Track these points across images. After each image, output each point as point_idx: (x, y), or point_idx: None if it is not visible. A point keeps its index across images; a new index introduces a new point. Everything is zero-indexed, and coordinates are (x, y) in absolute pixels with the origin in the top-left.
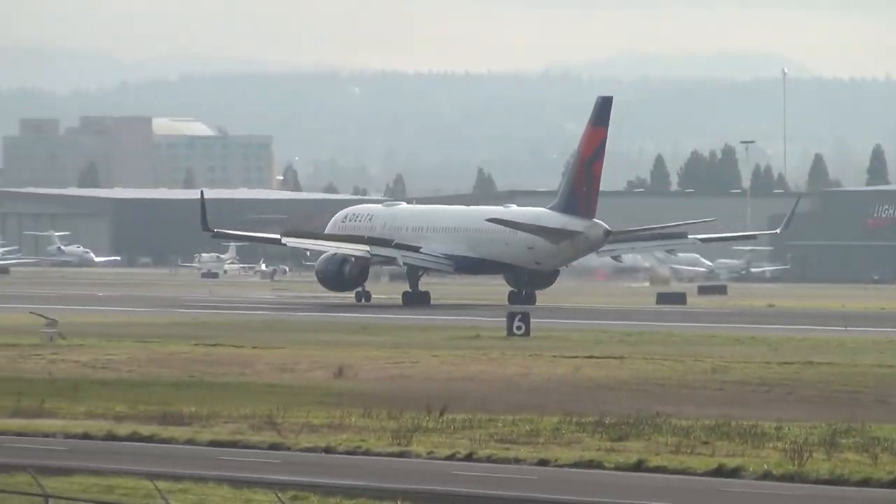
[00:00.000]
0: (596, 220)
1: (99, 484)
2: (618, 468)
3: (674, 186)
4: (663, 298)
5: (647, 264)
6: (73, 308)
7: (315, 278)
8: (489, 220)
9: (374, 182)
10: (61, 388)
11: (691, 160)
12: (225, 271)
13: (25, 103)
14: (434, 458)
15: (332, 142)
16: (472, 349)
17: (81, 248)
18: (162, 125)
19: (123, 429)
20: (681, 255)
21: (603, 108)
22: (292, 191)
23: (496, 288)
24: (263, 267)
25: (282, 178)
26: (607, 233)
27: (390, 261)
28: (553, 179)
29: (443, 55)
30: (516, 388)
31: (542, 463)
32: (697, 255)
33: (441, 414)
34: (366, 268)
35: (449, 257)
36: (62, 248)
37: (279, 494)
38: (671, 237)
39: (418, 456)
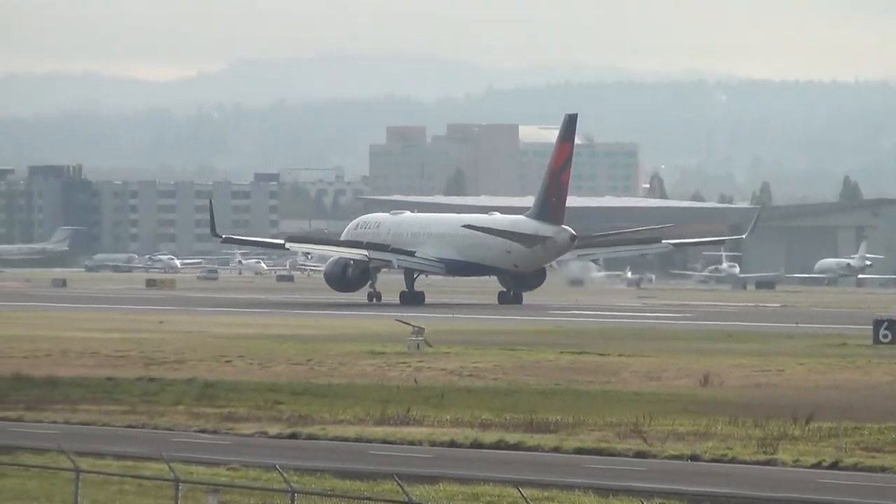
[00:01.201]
0: (563, 226)
1: (464, 492)
2: None
3: None
4: None
5: None
6: (436, 316)
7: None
8: (464, 226)
9: (741, 190)
10: (427, 395)
11: None
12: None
13: (392, 111)
14: (800, 466)
15: (698, 149)
16: (838, 357)
17: None
18: (528, 132)
19: (489, 436)
20: None
21: (569, 124)
22: (658, 199)
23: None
24: (629, 275)
25: (648, 185)
26: (573, 237)
27: (387, 264)
28: None
29: (809, 64)
30: (883, 395)
31: None
32: None
33: (807, 422)
34: (366, 270)
35: (441, 260)
36: None
37: (644, 502)
38: (646, 242)
39: (784, 464)
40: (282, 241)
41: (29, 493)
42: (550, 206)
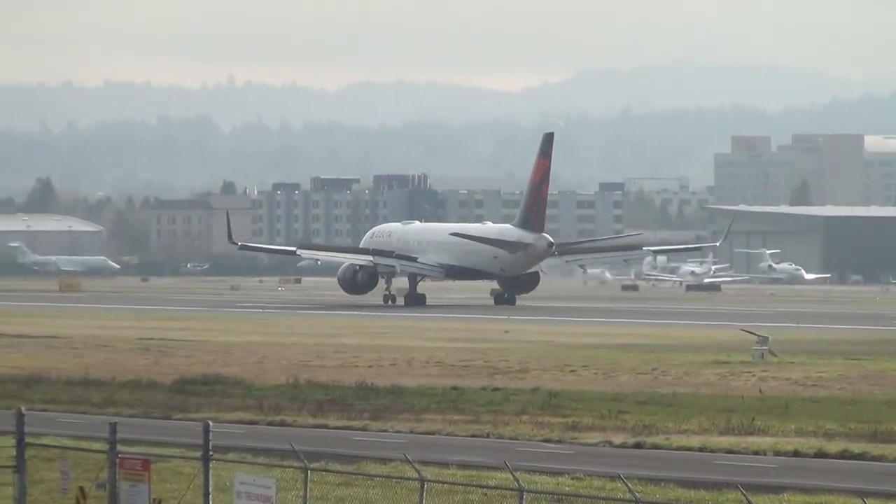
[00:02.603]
0: (543, 233)
1: (809, 501)
2: None
3: None
4: None
5: None
6: (783, 325)
7: None
8: (452, 234)
9: None
10: (771, 405)
11: None
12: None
13: (737, 120)
14: None
15: None
16: None
17: (792, 265)
18: (873, 142)
19: (834, 446)
20: None
21: (546, 142)
22: None
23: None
24: None
25: None
26: (551, 244)
27: (391, 268)
28: None
29: None
30: None
31: None
32: None
33: None
34: (374, 275)
35: (441, 266)
36: (773, 265)
37: None
38: (629, 248)
39: None
40: (293, 249)
41: (374, 502)
42: (532, 216)
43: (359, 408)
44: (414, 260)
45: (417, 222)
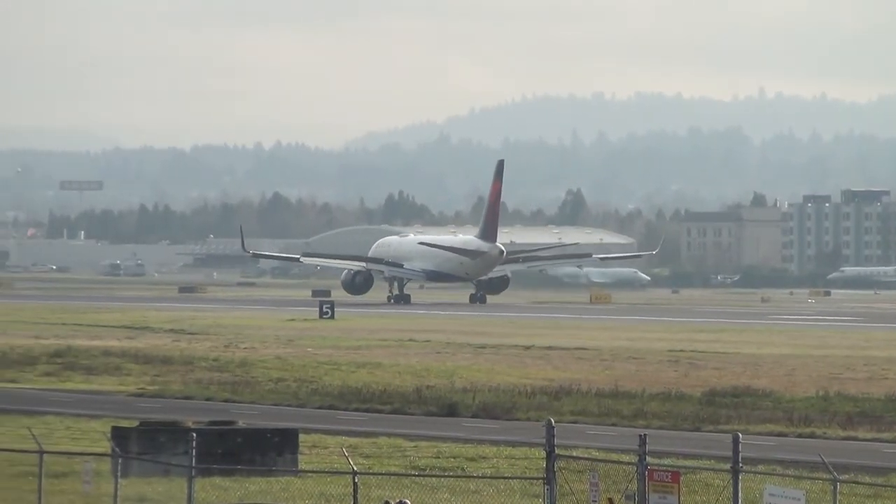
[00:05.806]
0: (496, 243)
1: None
2: None
3: None
4: None
5: None
6: None
7: None
8: (420, 243)
9: None
10: None
11: None
12: None
13: None
14: None
15: None
16: None
17: None
18: None
19: None
20: None
21: (499, 168)
22: None
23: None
24: None
25: None
26: (502, 252)
27: (381, 273)
28: None
29: None
30: None
31: None
32: None
33: None
34: (369, 278)
35: (423, 270)
36: None
37: None
38: (580, 256)
39: None
40: (297, 256)
41: None
42: (489, 229)
43: (889, 420)
44: (401, 266)
45: (412, 234)
